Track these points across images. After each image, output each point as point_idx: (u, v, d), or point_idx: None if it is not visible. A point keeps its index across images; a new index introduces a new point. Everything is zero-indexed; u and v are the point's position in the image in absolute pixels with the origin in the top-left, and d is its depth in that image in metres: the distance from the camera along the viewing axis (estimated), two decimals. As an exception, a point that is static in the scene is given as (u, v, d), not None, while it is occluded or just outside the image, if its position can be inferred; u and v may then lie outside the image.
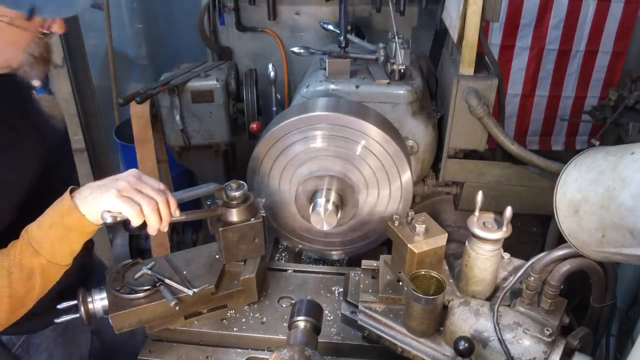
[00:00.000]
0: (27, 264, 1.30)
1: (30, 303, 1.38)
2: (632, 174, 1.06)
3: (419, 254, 1.51)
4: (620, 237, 1.09)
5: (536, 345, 1.32)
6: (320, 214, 1.90)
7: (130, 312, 1.52)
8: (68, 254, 1.35)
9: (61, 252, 1.33)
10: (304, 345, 1.24)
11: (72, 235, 1.31)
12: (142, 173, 1.36)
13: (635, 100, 2.51)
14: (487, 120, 2.11)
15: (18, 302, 1.34)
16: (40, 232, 1.30)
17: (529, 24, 3.15)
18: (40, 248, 1.29)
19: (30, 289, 1.33)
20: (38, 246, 1.29)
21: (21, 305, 1.36)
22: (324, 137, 1.90)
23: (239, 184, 1.61)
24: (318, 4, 3.18)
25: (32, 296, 1.36)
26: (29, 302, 1.37)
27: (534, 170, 2.24)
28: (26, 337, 1.66)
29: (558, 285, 1.34)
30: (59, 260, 1.34)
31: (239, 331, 1.64)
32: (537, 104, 3.40)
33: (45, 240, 1.29)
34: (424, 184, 2.42)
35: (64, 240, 1.31)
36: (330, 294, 1.80)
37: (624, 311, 1.93)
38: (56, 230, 1.29)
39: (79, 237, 1.33)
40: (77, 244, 1.35)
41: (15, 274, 1.29)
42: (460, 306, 1.43)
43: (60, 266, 1.35)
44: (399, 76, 2.10)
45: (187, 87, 2.56)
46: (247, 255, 1.68)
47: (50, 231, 1.29)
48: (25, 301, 1.36)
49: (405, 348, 1.49)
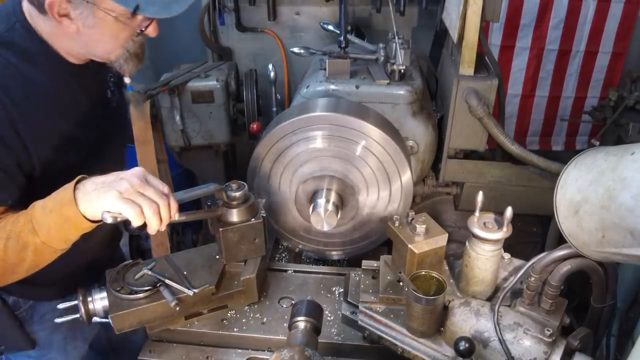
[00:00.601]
0: (23, 237, 1.34)
1: (23, 273, 1.43)
2: (632, 174, 1.06)
3: (420, 254, 1.51)
4: (621, 238, 1.09)
5: (537, 345, 1.32)
6: (321, 214, 1.90)
7: (130, 313, 1.52)
8: (63, 240, 1.37)
9: (57, 237, 1.35)
10: (304, 346, 1.24)
11: (67, 225, 1.33)
12: (147, 173, 1.36)
13: (635, 101, 2.50)
14: (487, 120, 2.11)
15: (9, 268, 1.39)
16: (42, 213, 1.33)
17: (529, 24, 3.15)
18: (39, 229, 1.33)
19: (21, 261, 1.38)
20: (37, 226, 1.33)
21: (12, 272, 1.42)
22: (324, 138, 1.90)
23: (240, 184, 1.61)
24: (318, 4, 3.17)
25: (23, 267, 1.40)
26: (21, 271, 1.42)
27: (534, 171, 2.24)
28: (33, 303, 1.72)
29: (558, 285, 1.34)
30: (54, 244, 1.36)
31: (240, 331, 1.64)
32: (537, 104, 3.39)
33: (44, 223, 1.33)
34: (424, 184, 2.42)
35: (60, 227, 1.33)
36: (330, 294, 1.80)
37: (624, 311, 1.93)
38: (54, 217, 1.32)
39: (74, 229, 1.35)
40: (72, 234, 1.36)
41: (12, 241, 1.35)
42: (461, 306, 1.43)
43: (54, 249, 1.38)
44: (399, 76, 2.09)
45: (187, 88, 2.56)
46: (247, 255, 1.68)
47: (50, 216, 1.32)
48: (16, 270, 1.41)
49: (405, 348, 1.49)
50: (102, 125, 1.69)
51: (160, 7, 1.39)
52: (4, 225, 1.37)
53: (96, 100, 1.66)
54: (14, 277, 1.44)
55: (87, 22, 1.37)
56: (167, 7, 1.40)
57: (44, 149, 1.47)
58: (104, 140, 1.70)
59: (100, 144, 1.67)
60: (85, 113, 1.61)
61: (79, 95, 1.59)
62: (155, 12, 1.39)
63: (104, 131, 1.70)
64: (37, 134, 1.44)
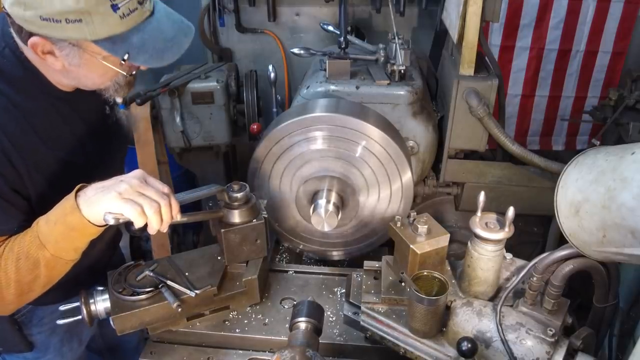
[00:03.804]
0: (33, 254, 1.34)
1: (39, 290, 1.42)
2: (633, 174, 1.06)
3: (422, 254, 1.50)
4: (622, 238, 1.10)
5: (539, 345, 1.32)
6: (321, 215, 1.90)
7: (132, 314, 1.52)
8: (72, 250, 1.37)
9: (65, 248, 1.35)
10: (304, 347, 1.24)
11: (74, 234, 1.33)
12: (146, 174, 1.36)
13: (635, 100, 2.51)
14: (487, 120, 2.11)
15: (25, 287, 1.39)
16: (47, 227, 1.33)
17: (529, 24, 3.15)
18: (47, 242, 1.32)
19: (35, 278, 1.37)
20: (44, 240, 1.32)
21: (29, 291, 1.40)
22: (325, 138, 1.90)
23: (241, 185, 1.61)
24: (318, 4, 3.17)
25: (38, 284, 1.39)
26: (37, 288, 1.41)
27: (534, 171, 2.24)
28: (32, 307, 1.72)
29: (561, 285, 1.34)
30: (64, 255, 1.36)
31: (242, 332, 1.64)
32: (538, 104, 3.39)
33: (50, 236, 1.32)
34: (425, 184, 2.42)
35: (67, 237, 1.33)
36: (332, 295, 1.80)
37: (625, 311, 1.93)
38: (60, 228, 1.31)
39: (81, 237, 1.35)
40: (80, 242, 1.36)
41: (22, 261, 1.34)
42: (463, 307, 1.43)
43: (65, 260, 1.38)
44: (399, 77, 2.10)
45: (187, 89, 2.56)
46: (249, 256, 1.69)
47: (55, 228, 1.32)
48: (32, 287, 1.40)
49: (408, 349, 1.49)
50: (101, 142, 1.66)
51: (151, 55, 1.34)
52: (11, 247, 1.36)
53: (93, 120, 1.62)
54: (31, 296, 1.43)
55: (73, 62, 1.33)
56: (159, 57, 1.36)
57: (39, 179, 1.43)
58: (103, 156, 1.67)
59: (100, 160, 1.64)
60: (81, 136, 1.57)
61: (73, 120, 1.55)
62: (146, 60, 1.35)
63: (104, 148, 1.67)
64: (30, 165, 1.40)
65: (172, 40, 1.37)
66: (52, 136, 1.47)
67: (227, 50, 3.37)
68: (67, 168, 1.50)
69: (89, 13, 1.22)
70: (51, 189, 1.43)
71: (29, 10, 1.21)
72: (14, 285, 1.37)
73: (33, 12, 1.21)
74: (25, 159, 1.39)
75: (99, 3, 1.22)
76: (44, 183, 1.45)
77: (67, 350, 1.89)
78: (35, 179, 1.42)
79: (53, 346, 1.84)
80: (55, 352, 1.85)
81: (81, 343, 1.94)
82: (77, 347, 1.93)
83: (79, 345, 1.94)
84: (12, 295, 1.39)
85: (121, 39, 1.29)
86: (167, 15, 1.39)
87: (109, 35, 1.27)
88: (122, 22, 1.26)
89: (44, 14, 1.21)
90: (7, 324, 1.69)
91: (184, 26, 1.41)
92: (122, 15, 1.25)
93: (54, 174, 1.47)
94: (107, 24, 1.25)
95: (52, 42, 1.28)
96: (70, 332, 1.87)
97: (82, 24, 1.23)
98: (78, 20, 1.22)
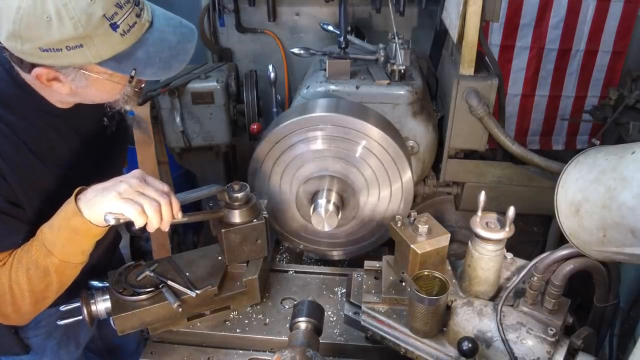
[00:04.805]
0: (42, 263, 1.34)
1: (53, 296, 1.43)
2: (633, 174, 1.06)
3: (422, 254, 1.50)
4: (622, 237, 1.10)
5: (540, 345, 1.32)
6: (321, 214, 1.90)
7: (133, 314, 1.52)
8: (79, 253, 1.37)
9: (72, 252, 1.35)
10: (305, 347, 1.24)
11: (79, 237, 1.33)
12: (145, 174, 1.36)
13: (635, 100, 2.51)
14: (487, 120, 2.11)
15: (39, 296, 1.39)
16: (52, 233, 1.33)
17: (528, 23, 3.14)
18: (53, 249, 1.33)
19: (48, 285, 1.38)
20: (51, 247, 1.33)
21: (43, 298, 1.41)
22: (325, 138, 1.90)
23: (241, 185, 1.61)
24: (318, 4, 3.17)
25: (51, 290, 1.40)
26: (51, 295, 1.42)
27: (534, 170, 2.24)
28: None
29: (561, 285, 1.34)
30: (72, 259, 1.36)
31: (242, 332, 1.64)
32: (538, 103, 3.39)
33: (56, 242, 1.32)
34: (425, 184, 2.42)
35: (72, 241, 1.33)
36: (332, 294, 1.81)
37: (625, 311, 1.93)
38: (64, 233, 1.31)
39: (86, 239, 1.35)
40: (86, 244, 1.36)
41: (32, 271, 1.34)
42: (464, 306, 1.43)
43: (74, 264, 1.38)
44: (399, 77, 2.10)
45: (187, 89, 2.57)
46: (249, 256, 1.69)
47: (60, 233, 1.32)
48: (46, 295, 1.41)
49: (408, 349, 1.49)
50: (99, 154, 1.63)
51: (159, 68, 1.32)
52: (18, 258, 1.36)
53: (90, 133, 1.59)
54: (45, 303, 1.44)
55: (80, 84, 1.31)
56: (167, 67, 1.34)
57: (36, 196, 1.41)
58: (102, 167, 1.62)
59: (99, 171, 1.59)
60: (78, 150, 1.54)
61: (69, 136, 1.52)
62: (154, 74, 1.33)
63: (102, 159, 1.64)
64: (27, 184, 1.38)
65: (176, 47, 1.35)
66: (48, 153, 1.45)
67: (227, 50, 3.37)
68: (65, 183, 1.47)
69: (90, 37, 1.19)
70: (49, 205, 1.40)
71: (27, 43, 1.18)
72: (28, 296, 1.37)
73: (31, 44, 1.18)
74: (21, 178, 1.37)
75: (98, 25, 1.19)
76: (41, 199, 1.42)
77: (64, 353, 1.88)
78: (32, 196, 1.40)
79: (50, 349, 1.83)
80: (52, 355, 1.84)
81: (78, 346, 1.93)
82: (74, 350, 1.92)
83: (76, 349, 1.94)
84: (28, 306, 1.39)
85: (126, 56, 1.27)
86: (167, 22, 1.36)
87: (112, 55, 1.25)
88: (124, 39, 1.24)
89: (42, 45, 1.18)
90: (3, 326, 1.67)
91: (186, 30, 1.39)
92: (123, 33, 1.23)
93: (51, 189, 1.45)
94: (109, 44, 1.23)
95: (56, 70, 1.26)
96: (67, 335, 1.86)
97: (84, 49, 1.20)
98: (79, 45, 1.20)
